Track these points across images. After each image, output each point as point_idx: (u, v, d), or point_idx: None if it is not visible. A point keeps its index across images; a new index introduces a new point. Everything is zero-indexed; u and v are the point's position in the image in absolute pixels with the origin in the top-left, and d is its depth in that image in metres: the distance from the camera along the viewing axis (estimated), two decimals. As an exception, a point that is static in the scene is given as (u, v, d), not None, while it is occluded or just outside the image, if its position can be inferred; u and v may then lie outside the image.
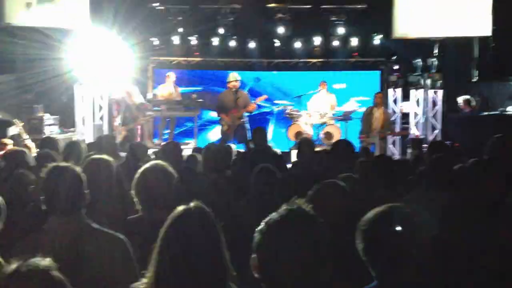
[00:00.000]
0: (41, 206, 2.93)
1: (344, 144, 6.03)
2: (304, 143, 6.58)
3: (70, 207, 2.86)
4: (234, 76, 12.03)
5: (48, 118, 11.71)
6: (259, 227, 1.90)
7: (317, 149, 9.43)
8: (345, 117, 12.79)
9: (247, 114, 12.20)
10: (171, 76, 13.13)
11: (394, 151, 12.79)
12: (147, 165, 3.44)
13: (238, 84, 11.95)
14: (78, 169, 3.05)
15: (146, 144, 11.93)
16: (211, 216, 2.20)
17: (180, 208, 2.19)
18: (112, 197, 3.77)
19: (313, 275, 1.79)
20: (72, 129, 12.29)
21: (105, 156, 3.94)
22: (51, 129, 11.54)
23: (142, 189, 3.38)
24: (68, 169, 2.98)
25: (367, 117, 12.09)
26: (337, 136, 12.48)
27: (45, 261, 1.92)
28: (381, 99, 12.10)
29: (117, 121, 12.30)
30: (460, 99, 12.41)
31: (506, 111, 11.54)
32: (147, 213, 3.34)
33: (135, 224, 3.30)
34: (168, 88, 12.88)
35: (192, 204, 2.20)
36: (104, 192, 3.69)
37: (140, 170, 3.43)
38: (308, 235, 1.82)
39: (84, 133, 12.14)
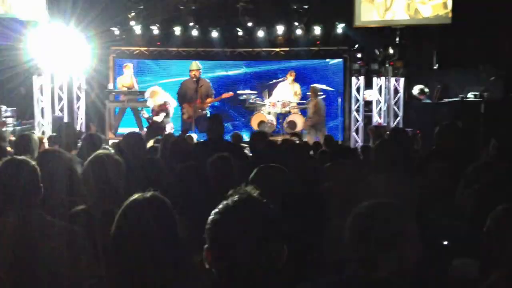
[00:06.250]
0: None
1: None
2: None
3: (26, 201, 2.80)
4: (196, 65, 11.90)
5: (5, 110, 11.42)
6: (210, 217, 1.85)
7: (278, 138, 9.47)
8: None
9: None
10: (129, 66, 12.96)
11: (357, 138, 12.90)
12: (93, 155, 3.36)
13: (199, 73, 11.85)
14: (33, 162, 2.99)
15: (107, 135, 11.81)
16: (168, 205, 2.16)
17: (134, 197, 2.15)
18: (63, 189, 3.70)
19: (267, 258, 1.77)
20: (30, 121, 12.01)
21: (57, 148, 3.85)
22: (8, 121, 11.26)
23: (89, 179, 3.30)
24: (24, 163, 2.93)
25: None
26: (300, 125, 12.51)
27: None
28: (314, 91, 12.34)
29: None
30: (415, 90, 12.58)
31: (466, 98, 11.72)
32: (94, 204, 3.26)
33: (79, 215, 3.21)
34: (127, 79, 12.71)
35: (147, 193, 2.16)
36: (55, 185, 3.61)
37: (87, 160, 3.36)
38: (259, 219, 1.80)
39: (43, 125, 11.89)
